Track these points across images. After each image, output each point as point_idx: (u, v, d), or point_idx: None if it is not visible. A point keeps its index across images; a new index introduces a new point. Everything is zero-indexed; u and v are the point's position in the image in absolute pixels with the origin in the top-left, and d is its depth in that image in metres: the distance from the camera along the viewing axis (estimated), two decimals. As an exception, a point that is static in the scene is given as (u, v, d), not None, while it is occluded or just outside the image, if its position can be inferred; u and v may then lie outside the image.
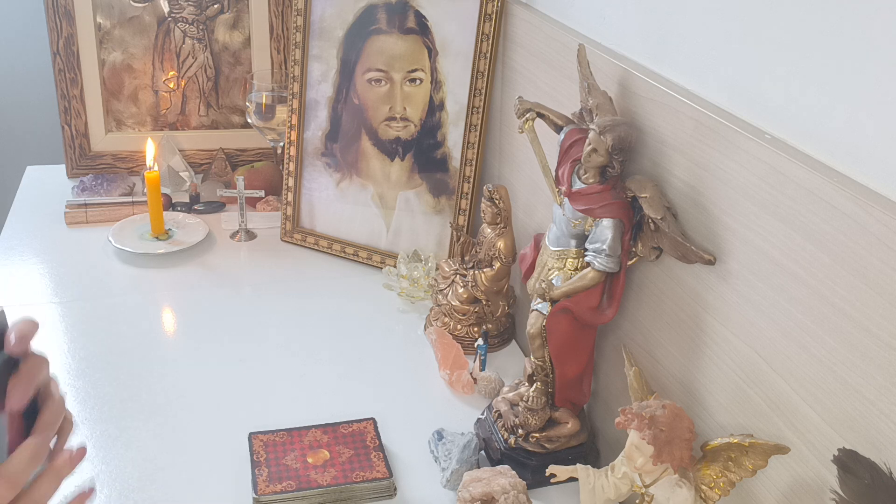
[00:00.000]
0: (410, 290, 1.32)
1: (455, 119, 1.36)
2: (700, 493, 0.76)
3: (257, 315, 1.30)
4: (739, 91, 0.78)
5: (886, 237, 0.59)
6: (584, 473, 0.85)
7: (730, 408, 0.79)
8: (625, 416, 0.76)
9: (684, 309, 0.85)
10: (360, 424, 1.03)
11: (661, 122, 0.86)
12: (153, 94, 1.68)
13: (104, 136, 1.67)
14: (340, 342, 1.24)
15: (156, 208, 1.43)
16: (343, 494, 0.94)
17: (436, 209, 1.41)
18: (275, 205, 1.58)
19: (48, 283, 1.35)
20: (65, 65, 1.60)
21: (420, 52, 1.36)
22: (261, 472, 0.95)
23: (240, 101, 1.71)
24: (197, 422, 1.06)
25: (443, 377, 1.16)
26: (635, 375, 0.83)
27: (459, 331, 1.22)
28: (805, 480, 0.69)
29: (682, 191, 0.84)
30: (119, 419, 1.05)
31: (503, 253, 1.17)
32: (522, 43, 1.23)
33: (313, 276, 1.41)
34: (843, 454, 0.58)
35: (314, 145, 1.46)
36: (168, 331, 1.27)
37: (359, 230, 1.45)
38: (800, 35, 0.69)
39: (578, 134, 0.91)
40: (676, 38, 0.87)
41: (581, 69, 0.93)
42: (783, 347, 0.71)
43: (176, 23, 1.64)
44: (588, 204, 0.88)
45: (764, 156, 0.71)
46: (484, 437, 1.02)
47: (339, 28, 1.40)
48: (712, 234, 0.79)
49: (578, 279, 0.90)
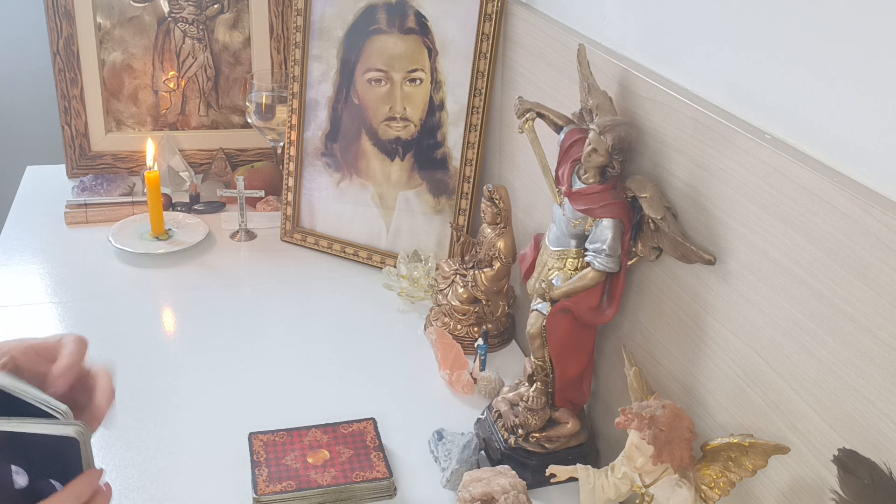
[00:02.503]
0: (410, 290, 1.32)
1: (455, 119, 1.36)
2: (700, 493, 0.76)
3: (257, 315, 1.30)
4: (739, 91, 0.78)
5: (886, 237, 0.59)
6: (584, 473, 0.85)
7: (730, 408, 0.79)
8: (625, 416, 0.76)
9: (684, 309, 0.85)
10: (360, 424, 1.03)
11: (661, 122, 0.86)
12: (153, 94, 1.68)
13: (104, 136, 1.67)
14: (340, 342, 1.24)
15: (156, 208, 1.43)
16: (343, 494, 0.94)
17: (436, 209, 1.41)
18: (275, 205, 1.58)
19: (48, 283, 1.35)
20: (65, 65, 1.60)
21: (420, 52, 1.36)
22: (261, 472, 0.95)
23: (240, 101, 1.71)
24: (197, 422, 1.06)
25: (443, 377, 1.16)
26: (635, 375, 0.83)
27: (459, 331, 1.22)
28: (805, 480, 0.69)
29: (682, 191, 0.84)
30: (119, 419, 1.05)
31: (503, 253, 1.17)
32: (522, 43, 1.23)
33: (313, 276, 1.41)
34: (843, 454, 0.58)
35: (314, 145, 1.46)
36: (168, 331, 1.27)
37: (359, 230, 1.45)
38: (800, 35, 0.69)
39: (578, 134, 0.91)
40: (676, 38, 0.87)
41: (581, 69, 0.93)
42: (783, 347, 0.71)
43: (176, 23, 1.64)
44: (588, 204, 0.88)
45: (764, 156, 0.71)
46: (484, 437, 1.02)
47: (339, 28, 1.40)
48: (712, 234, 0.79)
49: (578, 279, 0.90)
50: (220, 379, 1.14)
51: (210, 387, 1.12)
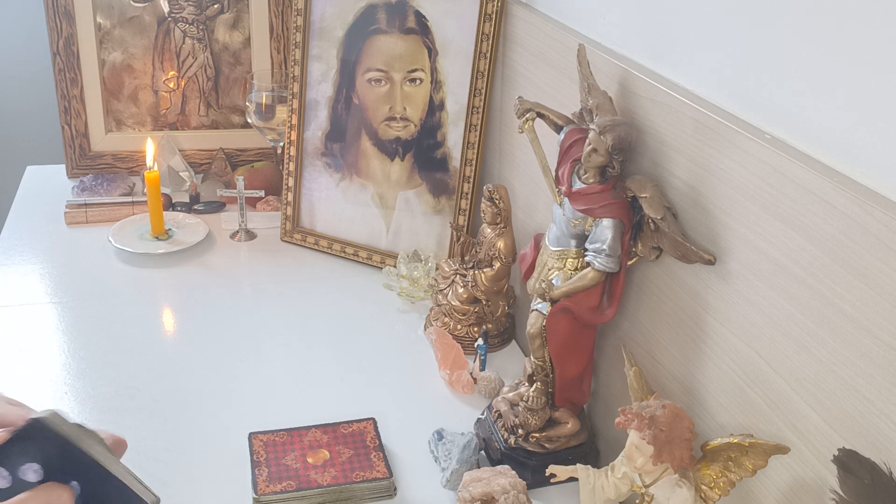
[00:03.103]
0: (410, 290, 1.32)
1: (455, 119, 1.36)
2: (700, 493, 0.76)
3: (257, 315, 1.30)
4: (739, 91, 0.78)
5: (886, 237, 0.59)
6: (584, 473, 0.85)
7: (730, 408, 0.79)
8: (625, 416, 0.76)
9: (684, 309, 0.85)
10: (360, 424, 1.03)
11: (661, 122, 0.86)
12: (153, 94, 1.68)
13: (104, 136, 1.67)
14: (340, 342, 1.24)
15: (156, 208, 1.43)
16: (343, 494, 0.94)
17: (436, 209, 1.41)
18: (275, 205, 1.58)
19: (48, 283, 1.35)
20: (65, 65, 1.60)
21: (420, 52, 1.36)
22: (261, 472, 0.95)
23: (240, 101, 1.71)
24: (197, 422, 1.06)
25: (443, 377, 1.16)
26: (635, 375, 0.83)
27: (459, 331, 1.22)
28: (805, 480, 0.69)
29: (682, 191, 0.84)
30: (119, 419, 1.05)
31: (503, 253, 1.17)
32: (522, 43, 1.23)
33: (313, 276, 1.41)
34: (843, 454, 0.58)
35: (314, 145, 1.46)
36: (168, 331, 1.27)
37: (359, 230, 1.45)
38: (800, 35, 0.69)
39: (578, 134, 0.91)
40: (676, 38, 0.87)
41: (581, 69, 0.93)
42: (783, 347, 0.71)
43: (176, 23, 1.64)
44: (588, 204, 0.88)
45: (764, 156, 0.71)
46: (484, 437, 1.02)
47: (339, 28, 1.40)
48: (712, 234, 0.79)
49: (578, 279, 0.90)
50: (220, 379, 1.14)
51: (210, 387, 1.12)
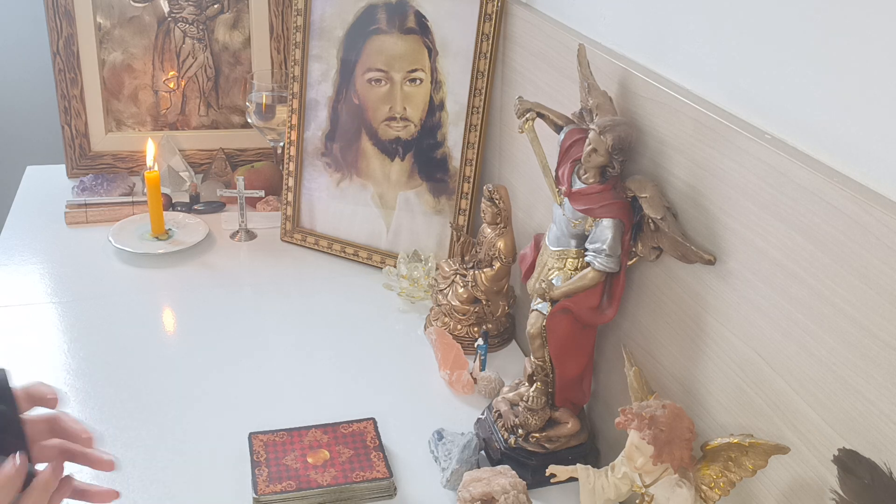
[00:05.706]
0: (410, 290, 1.32)
1: (455, 119, 1.36)
2: (700, 493, 0.76)
3: (257, 315, 1.30)
4: (739, 91, 0.78)
5: (886, 237, 0.59)
6: (584, 473, 0.85)
7: (730, 408, 0.79)
8: (625, 416, 0.76)
9: (684, 309, 0.85)
10: (360, 424, 1.03)
11: (661, 122, 0.86)
12: (153, 94, 1.68)
13: (104, 136, 1.67)
14: (340, 342, 1.24)
15: (156, 208, 1.43)
16: (343, 494, 0.94)
17: (436, 209, 1.41)
18: (275, 205, 1.58)
19: (48, 283, 1.35)
20: (65, 65, 1.60)
21: (420, 52, 1.36)
22: (261, 472, 0.95)
23: (240, 101, 1.71)
24: (197, 422, 1.06)
25: (443, 377, 1.16)
26: (635, 375, 0.83)
27: (459, 331, 1.22)
28: (805, 480, 0.69)
29: (682, 191, 0.84)
30: (119, 419, 1.05)
31: (503, 253, 1.17)
32: (522, 43, 1.23)
33: (313, 276, 1.41)
34: (843, 454, 0.58)
35: (314, 145, 1.46)
36: (168, 331, 1.27)
37: (359, 230, 1.45)
38: (800, 35, 0.69)
39: (578, 134, 0.91)
40: (676, 38, 0.87)
41: (581, 69, 0.93)
42: (783, 347, 0.71)
43: (176, 23, 1.64)
44: (588, 204, 0.88)
45: (764, 156, 0.71)
46: (484, 437, 1.02)
47: (339, 28, 1.40)
48: (712, 234, 0.79)
49: (578, 279, 0.90)
50: (220, 379, 1.14)
51: (210, 387, 1.12)
